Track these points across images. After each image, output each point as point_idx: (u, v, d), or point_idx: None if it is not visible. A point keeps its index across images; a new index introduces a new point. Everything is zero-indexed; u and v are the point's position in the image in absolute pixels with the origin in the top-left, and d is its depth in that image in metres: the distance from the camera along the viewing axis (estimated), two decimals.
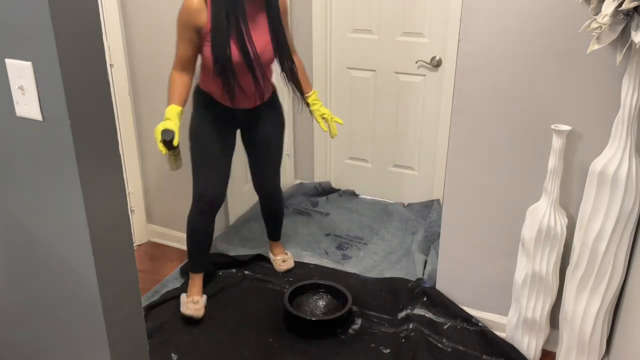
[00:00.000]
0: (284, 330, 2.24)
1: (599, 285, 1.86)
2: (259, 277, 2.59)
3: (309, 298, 2.39)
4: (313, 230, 3.04)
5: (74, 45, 1.04)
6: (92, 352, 1.31)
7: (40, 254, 1.26)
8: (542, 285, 1.97)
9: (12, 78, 1.09)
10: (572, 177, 1.93)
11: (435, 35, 2.91)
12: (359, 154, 3.39)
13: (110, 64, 2.56)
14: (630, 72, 1.64)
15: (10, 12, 1.03)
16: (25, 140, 1.15)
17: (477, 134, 2.03)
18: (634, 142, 1.72)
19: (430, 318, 2.25)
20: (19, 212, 1.24)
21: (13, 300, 1.39)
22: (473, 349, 2.12)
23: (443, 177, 3.07)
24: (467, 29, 1.92)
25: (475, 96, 1.98)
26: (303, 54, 3.23)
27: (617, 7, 1.53)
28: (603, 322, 1.91)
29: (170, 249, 2.90)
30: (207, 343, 2.16)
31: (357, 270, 2.65)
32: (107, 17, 2.49)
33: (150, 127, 2.73)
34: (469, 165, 2.08)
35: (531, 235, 1.93)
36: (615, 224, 1.77)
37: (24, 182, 1.20)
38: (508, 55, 1.89)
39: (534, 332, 2.05)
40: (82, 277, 1.22)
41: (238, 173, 2.99)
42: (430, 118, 3.08)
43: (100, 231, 1.18)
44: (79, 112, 1.08)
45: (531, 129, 1.94)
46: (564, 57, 1.81)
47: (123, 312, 1.30)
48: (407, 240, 2.92)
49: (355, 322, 2.29)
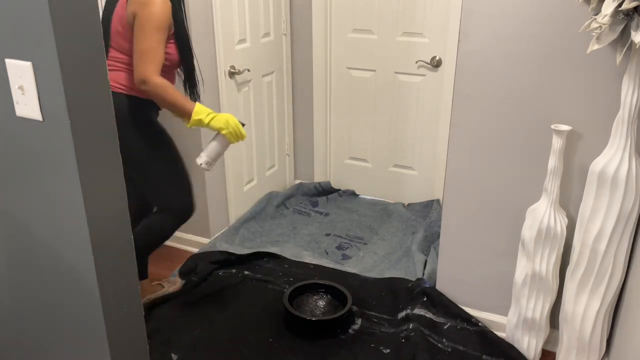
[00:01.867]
0: (284, 330, 2.24)
1: (599, 285, 1.86)
2: (259, 277, 2.59)
3: (309, 298, 2.39)
4: (313, 230, 3.04)
5: (74, 45, 1.04)
6: (92, 352, 1.31)
7: (40, 254, 1.26)
8: (542, 285, 1.97)
9: (12, 78, 1.09)
10: (572, 177, 1.93)
11: (435, 35, 2.91)
12: (359, 154, 3.39)
13: None
14: (630, 72, 1.64)
15: (10, 12, 1.03)
16: (25, 140, 1.15)
17: (477, 134, 2.03)
18: (634, 142, 1.72)
19: (430, 318, 2.25)
20: (19, 212, 1.24)
21: (13, 300, 1.39)
22: (473, 349, 2.12)
23: (443, 177, 3.07)
24: (467, 29, 1.92)
25: (475, 96, 1.98)
26: (303, 54, 3.25)
27: (617, 7, 1.53)
28: (603, 322, 1.91)
29: (170, 249, 2.90)
30: (207, 343, 2.16)
31: (357, 270, 2.65)
32: None
33: None
34: (469, 165, 2.08)
35: (531, 235, 1.93)
36: (615, 224, 1.77)
37: (24, 182, 1.20)
38: (508, 55, 1.89)
39: (534, 332, 2.05)
40: (82, 277, 1.22)
41: (238, 173, 2.99)
42: (430, 118, 3.08)
43: (100, 231, 1.18)
44: (79, 112, 1.08)
45: (531, 129, 1.94)
46: (564, 57, 1.81)
47: (123, 312, 1.30)
48: (407, 240, 2.92)
49: (355, 322, 2.29)
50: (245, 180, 3.09)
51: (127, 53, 1.95)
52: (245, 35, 2.84)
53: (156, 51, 1.87)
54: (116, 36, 1.95)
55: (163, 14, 1.86)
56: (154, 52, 1.87)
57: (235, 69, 2.76)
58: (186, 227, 2.87)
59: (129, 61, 1.95)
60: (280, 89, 3.26)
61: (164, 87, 1.89)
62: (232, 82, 2.78)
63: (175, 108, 1.94)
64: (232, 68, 2.75)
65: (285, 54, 3.24)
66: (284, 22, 3.16)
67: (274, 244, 2.86)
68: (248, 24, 2.83)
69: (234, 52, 2.76)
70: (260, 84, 3.05)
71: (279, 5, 3.09)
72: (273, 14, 3.05)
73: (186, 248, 2.89)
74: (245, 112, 2.95)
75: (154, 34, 1.86)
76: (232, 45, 2.73)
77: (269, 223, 3.09)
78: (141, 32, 1.85)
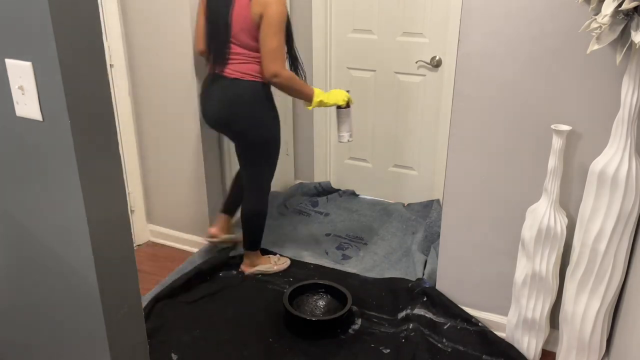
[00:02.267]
0: (284, 330, 2.24)
1: (599, 285, 1.86)
2: (259, 277, 2.59)
3: (309, 298, 2.39)
4: (313, 230, 3.04)
5: (74, 45, 1.04)
6: (92, 352, 1.31)
7: (40, 254, 1.26)
8: (542, 285, 1.97)
9: (12, 78, 1.09)
10: (572, 177, 1.93)
11: (435, 35, 2.91)
12: (359, 154, 3.39)
13: (110, 64, 2.56)
14: (630, 72, 1.64)
15: (10, 12, 1.03)
16: (25, 140, 1.15)
17: (477, 134, 2.03)
18: (634, 142, 1.72)
19: (430, 318, 2.25)
20: (19, 212, 1.24)
21: (13, 300, 1.39)
22: (473, 349, 2.12)
23: (443, 177, 3.07)
24: (467, 29, 1.92)
25: (475, 96, 1.98)
26: (303, 54, 3.24)
27: (617, 7, 1.53)
28: (603, 322, 1.91)
29: (170, 249, 2.90)
30: (207, 343, 2.16)
31: (357, 270, 2.65)
32: (107, 17, 2.49)
33: (151, 127, 2.73)
34: (469, 165, 2.08)
35: (531, 235, 1.93)
36: (615, 224, 1.77)
37: (24, 182, 1.20)
38: (508, 56, 1.89)
39: (534, 332, 2.05)
40: (82, 277, 1.22)
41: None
42: (430, 118, 3.08)
43: (100, 231, 1.18)
44: (79, 112, 1.08)
45: (531, 129, 1.94)
46: (564, 57, 1.81)
47: (123, 312, 1.30)
48: (407, 240, 2.92)
49: (355, 322, 2.29)
50: None
51: (252, 49, 2.21)
52: None
53: (281, 48, 2.17)
54: (240, 34, 2.19)
55: (284, 13, 2.15)
56: (280, 49, 2.16)
57: None
58: (186, 227, 2.87)
59: (256, 55, 2.22)
60: None
61: (293, 78, 2.22)
62: None
63: (301, 95, 2.28)
64: None
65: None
66: None
67: (274, 244, 2.86)
68: None
69: None
70: None
71: None
72: None
73: (186, 248, 2.89)
74: None
75: (278, 33, 2.14)
76: None
77: (269, 223, 3.09)
78: (269, 32, 2.13)
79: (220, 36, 2.23)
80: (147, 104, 2.70)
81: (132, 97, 2.71)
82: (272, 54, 2.14)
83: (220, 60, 2.26)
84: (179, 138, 2.69)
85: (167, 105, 2.65)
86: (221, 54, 2.25)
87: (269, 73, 2.16)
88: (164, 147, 2.75)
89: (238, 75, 2.24)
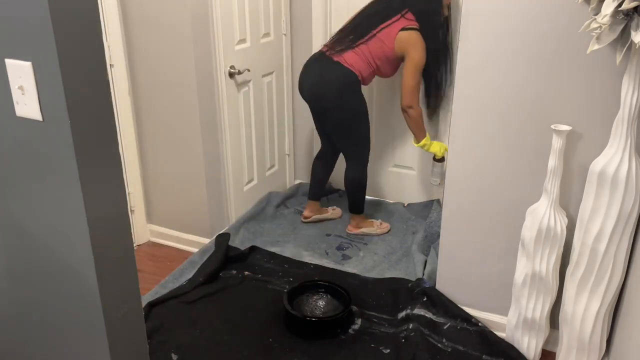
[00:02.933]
0: (284, 330, 2.24)
1: (599, 285, 1.86)
2: (259, 277, 2.59)
3: (309, 298, 2.39)
4: (313, 231, 3.04)
5: (74, 45, 1.04)
6: (92, 352, 1.31)
7: (40, 254, 1.26)
8: (542, 285, 1.97)
9: (12, 78, 1.09)
10: (572, 177, 1.93)
11: None
12: None
13: (110, 64, 2.56)
14: (630, 72, 1.64)
15: (10, 12, 1.03)
16: (25, 140, 1.15)
17: (477, 134, 2.03)
18: (634, 142, 1.72)
19: (430, 318, 2.25)
20: (19, 212, 1.24)
21: (13, 300, 1.39)
22: (473, 349, 2.12)
23: None
24: (467, 29, 1.92)
25: (475, 96, 1.98)
26: (303, 54, 3.24)
27: (617, 7, 1.53)
28: (603, 322, 1.91)
29: (170, 249, 2.90)
30: (207, 343, 2.16)
31: (357, 270, 2.65)
32: (107, 17, 2.49)
33: (151, 127, 2.73)
34: (469, 165, 2.08)
35: (531, 235, 1.93)
36: (615, 224, 1.77)
37: (24, 182, 1.20)
38: (508, 55, 1.89)
39: (534, 332, 2.05)
40: (82, 277, 1.22)
41: (238, 173, 2.99)
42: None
43: (100, 231, 1.18)
44: (79, 112, 1.08)
45: (531, 129, 1.94)
46: (564, 57, 1.81)
47: (123, 312, 1.30)
48: (407, 240, 2.92)
49: (355, 322, 2.29)
50: (246, 180, 3.08)
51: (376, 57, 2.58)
52: (245, 35, 2.83)
53: (418, 86, 2.58)
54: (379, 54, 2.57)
55: (424, 59, 2.54)
56: (417, 87, 2.58)
57: (235, 69, 2.76)
58: (186, 227, 2.87)
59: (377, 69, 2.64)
60: (280, 89, 3.26)
61: (420, 115, 2.65)
62: (232, 82, 2.78)
63: (417, 130, 2.68)
64: (232, 68, 2.75)
65: (285, 54, 3.24)
66: (284, 22, 3.16)
67: (274, 244, 2.86)
68: (248, 24, 2.83)
69: (234, 52, 2.76)
70: (260, 84, 3.05)
71: (279, 6, 3.09)
72: (273, 14, 3.04)
73: (186, 248, 2.89)
74: (245, 112, 2.95)
75: (417, 74, 2.55)
76: (231, 45, 2.73)
77: (269, 223, 3.09)
78: (411, 71, 2.54)
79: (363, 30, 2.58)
80: (147, 104, 2.70)
81: (132, 97, 2.71)
82: (410, 90, 2.55)
83: (346, 45, 2.58)
84: (179, 138, 2.69)
85: (167, 105, 2.65)
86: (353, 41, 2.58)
87: (406, 104, 2.58)
88: (164, 147, 2.75)
89: (341, 60, 2.56)
